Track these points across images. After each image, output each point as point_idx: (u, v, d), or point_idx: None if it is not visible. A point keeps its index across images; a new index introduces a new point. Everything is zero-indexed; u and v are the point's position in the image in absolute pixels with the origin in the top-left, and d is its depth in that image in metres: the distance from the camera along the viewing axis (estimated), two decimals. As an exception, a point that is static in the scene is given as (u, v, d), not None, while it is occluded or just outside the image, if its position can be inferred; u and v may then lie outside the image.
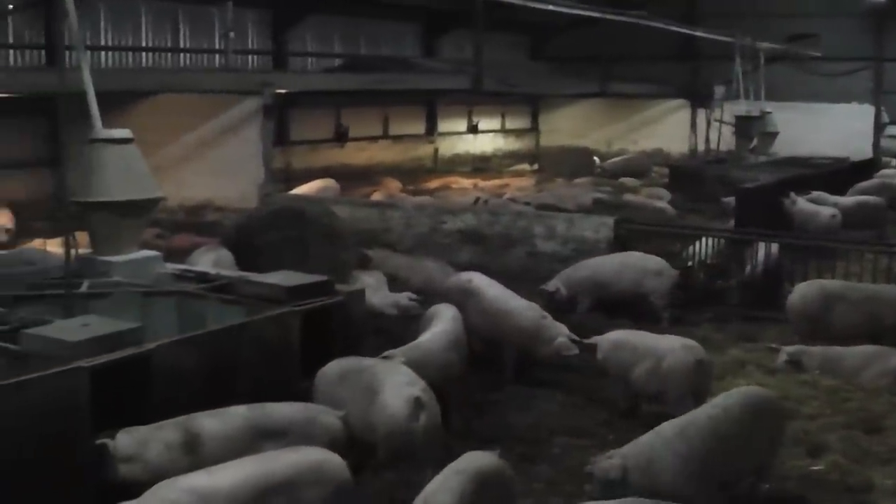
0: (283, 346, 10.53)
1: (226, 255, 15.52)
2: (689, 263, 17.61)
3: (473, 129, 40.91)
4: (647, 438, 8.93)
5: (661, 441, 8.81)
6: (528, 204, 24.74)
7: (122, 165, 12.69)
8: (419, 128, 38.41)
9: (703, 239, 17.82)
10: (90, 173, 12.69)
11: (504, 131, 43.29)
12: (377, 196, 27.14)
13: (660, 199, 27.95)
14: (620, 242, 17.51)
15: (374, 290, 15.19)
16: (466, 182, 32.89)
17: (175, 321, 11.38)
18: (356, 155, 34.39)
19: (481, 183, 32.61)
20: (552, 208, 23.26)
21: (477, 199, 25.26)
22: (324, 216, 16.76)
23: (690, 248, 17.88)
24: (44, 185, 23.67)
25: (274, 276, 11.58)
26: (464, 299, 13.36)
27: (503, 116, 42.95)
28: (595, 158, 37.88)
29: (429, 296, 15.16)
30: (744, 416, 9.14)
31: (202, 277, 12.41)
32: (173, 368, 9.43)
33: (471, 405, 11.94)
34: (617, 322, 14.38)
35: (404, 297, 15.62)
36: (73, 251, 11.48)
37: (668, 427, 9.00)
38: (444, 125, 39.22)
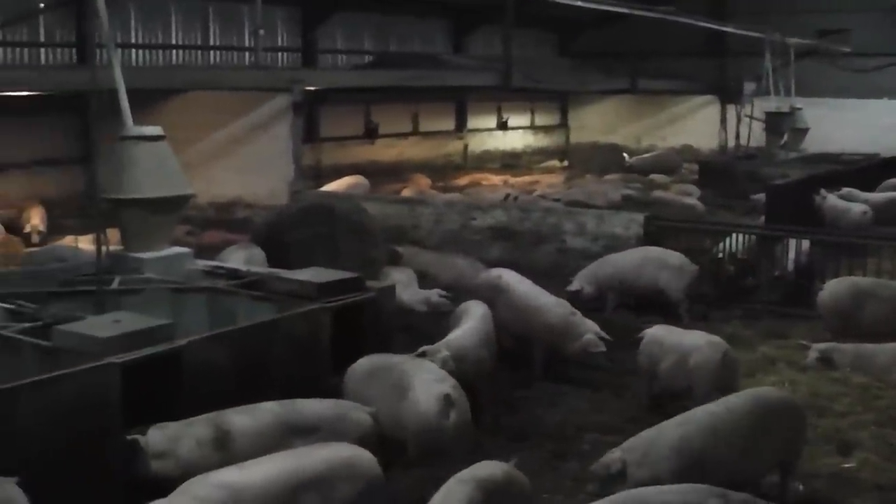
0: (314, 343, 10.56)
1: (257, 252, 15.57)
2: (719, 255, 17.55)
3: (503, 126, 40.90)
4: (647, 433, 8.96)
5: (659, 436, 8.83)
6: (557, 200, 24.68)
7: (153, 162, 12.77)
8: (449, 124, 38.43)
9: (734, 235, 17.73)
10: (121, 170, 12.76)
11: (533, 128, 43.25)
12: (407, 193, 27.14)
13: (689, 196, 27.84)
14: (650, 239, 17.44)
15: (404, 287, 15.20)
16: (496, 179, 32.85)
17: (206, 318, 11.43)
18: (386, 152, 34.42)
19: (511, 179, 32.55)
20: (582, 205, 23.22)
21: (507, 196, 25.21)
22: (353, 213, 16.78)
23: (721, 244, 17.79)
24: (75, 182, 23.81)
25: (304, 272, 11.61)
26: (493, 296, 13.36)
27: (532, 113, 42.92)
28: (624, 155, 37.78)
29: (458, 292, 15.15)
30: (748, 416, 9.05)
31: (233, 274, 12.46)
32: (204, 365, 9.47)
33: (500, 402, 11.93)
34: (647, 319, 14.33)
35: (434, 294, 15.62)
36: (104, 248, 11.52)
37: (668, 422, 9.03)
38: (473, 122, 39.23)
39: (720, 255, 17.58)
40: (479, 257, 17.95)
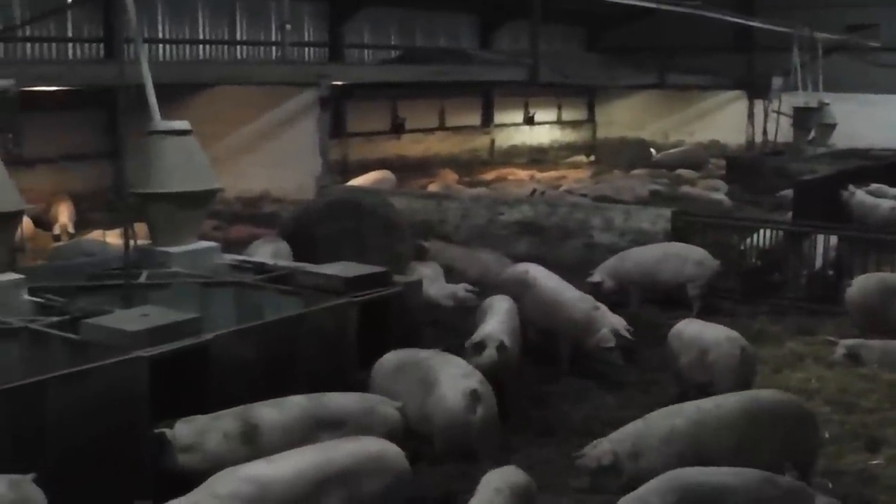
0: (341, 337, 10.57)
1: (284, 246, 15.60)
2: (742, 247, 17.50)
3: (530, 121, 40.86)
4: (634, 425, 8.99)
5: (648, 427, 8.85)
6: (584, 195, 24.65)
7: (180, 157, 12.81)
8: (475, 119, 38.42)
9: (761, 231, 17.67)
10: (149, 165, 12.81)
11: (560, 123, 43.17)
12: (433, 188, 27.14)
13: (717, 191, 27.77)
14: (678, 234, 17.40)
15: (431, 282, 15.20)
16: (523, 174, 32.80)
17: (233, 312, 11.46)
18: (412, 147, 34.45)
19: (538, 174, 32.50)
20: (609, 200, 23.19)
21: (534, 191, 25.22)
22: (381, 207, 16.80)
23: (748, 240, 17.73)
24: (103, 176, 23.89)
25: (332, 266, 11.62)
26: (520, 290, 13.36)
27: (559, 108, 42.84)
28: (651, 150, 37.72)
29: (485, 287, 15.13)
30: (739, 415, 9.01)
31: (260, 268, 12.48)
32: (231, 359, 9.49)
33: (527, 397, 11.92)
34: (675, 315, 14.29)
35: (461, 289, 15.61)
36: (132, 242, 11.56)
37: (656, 414, 9.04)
38: (500, 117, 39.20)
39: (743, 247, 17.53)
40: (505, 252, 17.91)
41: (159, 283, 11.76)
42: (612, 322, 12.68)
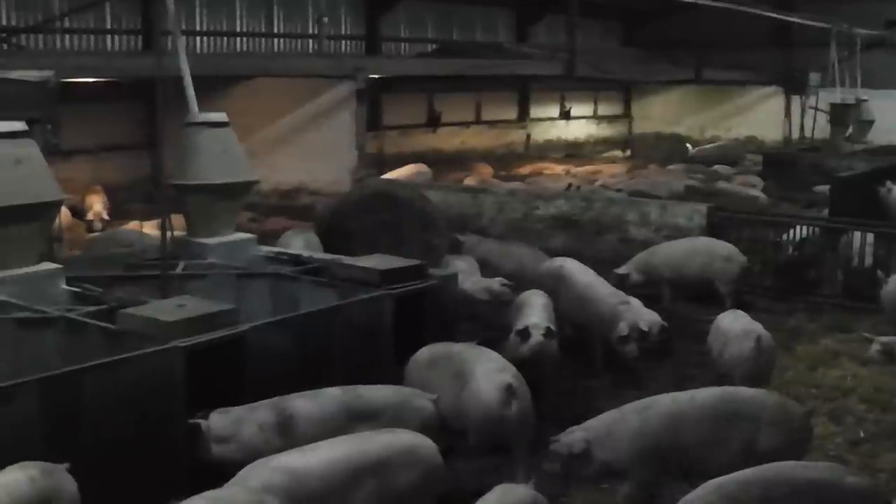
0: (376, 330, 10.58)
1: (313, 237, 15.69)
2: (778, 243, 17.43)
3: (566, 115, 40.82)
4: (608, 415, 8.95)
5: (622, 418, 8.82)
6: (620, 190, 24.59)
7: (217, 149, 12.86)
8: (511, 113, 38.41)
9: (797, 227, 17.59)
10: (187, 156, 12.87)
11: (596, 117, 43.13)
12: (469, 182, 27.14)
13: (753, 187, 27.66)
14: (713, 230, 17.34)
15: (467, 275, 15.19)
16: (558, 168, 32.78)
17: (269, 303, 11.49)
18: (448, 140, 34.47)
19: (573, 169, 32.47)
20: (645, 195, 23.12)
21: (569, 186, 25.18)
22: (417, 200, 16.79)
23: (784, 236, 17.66)
24: (140, 167, 24.06)
25: (368, 259, 11.62)
26: (555, 285, 13.35)
27: (596, 102, 42.80)
28: (688, 145, 37.61)
29: (520, 281, 15.12)
30: (714, 409, 8.85)
31: (296, 260, 12.52)
32: (267, 350, 9.51)
33: (561, 392, 11.91)
34: (711, 311, 14.22)
35: (496, 283, 15.56)
36: (168, 233, 11.61)
37: (630, 406, 8.99)
38: (536, 111, 39.19)
39: (780, 245, 17.45)
40: (541, 247, 17.89)
41: (196, 273, 11.81)
42: (640, 317, 12.64)
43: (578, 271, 13.64)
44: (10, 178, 10.58)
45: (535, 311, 11.88)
